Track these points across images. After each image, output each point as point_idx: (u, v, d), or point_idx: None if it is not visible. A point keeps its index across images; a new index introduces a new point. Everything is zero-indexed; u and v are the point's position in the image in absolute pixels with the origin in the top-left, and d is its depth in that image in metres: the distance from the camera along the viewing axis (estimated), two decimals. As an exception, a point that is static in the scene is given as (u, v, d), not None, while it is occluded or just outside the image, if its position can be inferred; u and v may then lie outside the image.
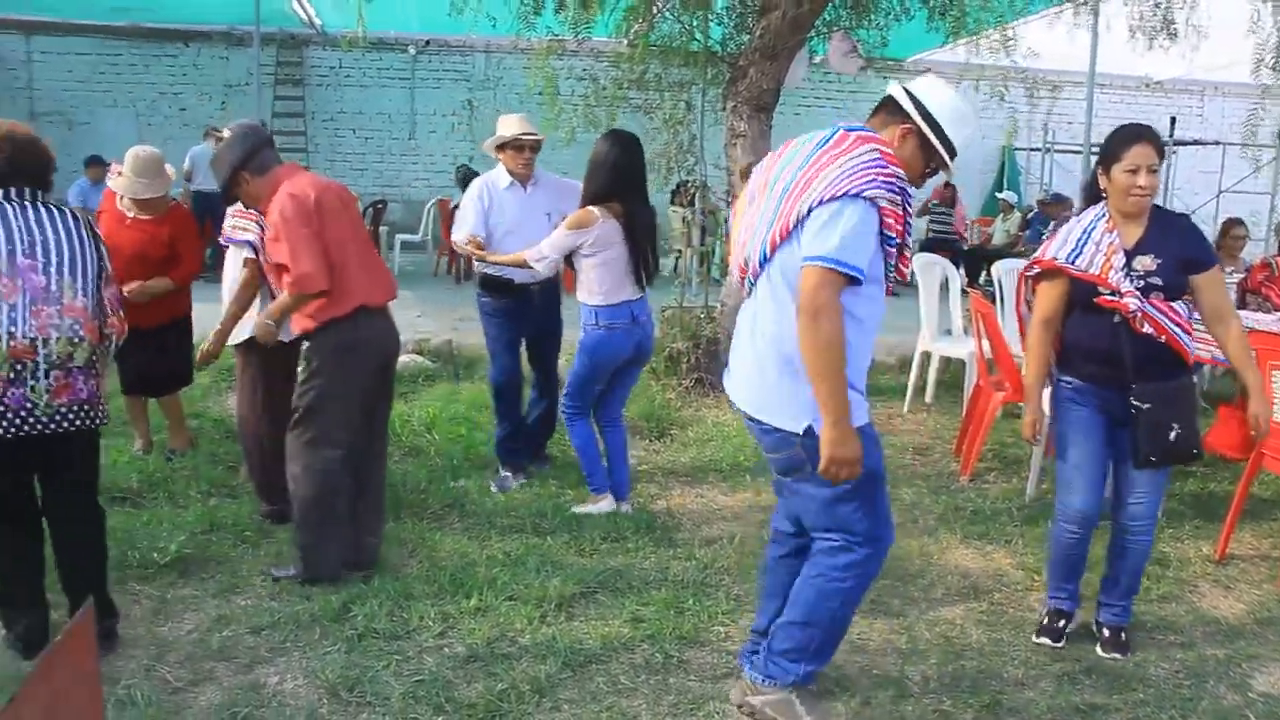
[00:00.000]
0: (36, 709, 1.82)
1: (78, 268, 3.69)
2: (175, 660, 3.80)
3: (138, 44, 17.74)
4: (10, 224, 3.59)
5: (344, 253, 4.36)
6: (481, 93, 18.23)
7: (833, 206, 2.98)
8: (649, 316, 5.41)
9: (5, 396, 3.52)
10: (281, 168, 4.45)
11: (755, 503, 5.69)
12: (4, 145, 3.67)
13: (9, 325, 3.52)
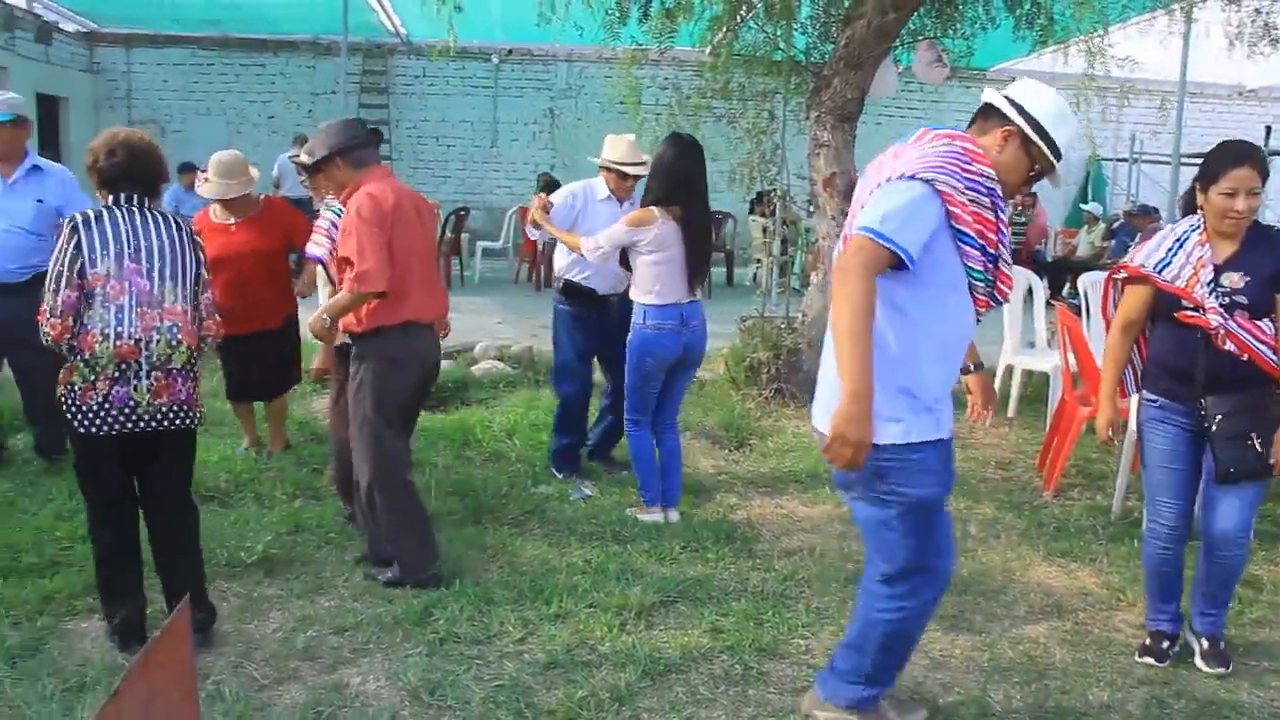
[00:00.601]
0: (136, 703, 1.87)
1: (179, 273, 3.81)
2: (261, 658, 3.87)
3: (229, 54, 18.20)
4: (119, 228, 3.72)
5: (407, 263, 4.43)
6: (563, 101, 18.37)
7: (885, 187, 2.93)
8: (701, 321, 5.41)
9: (111, 394, 3.66)
10: (374, 168, 4.55)
11: (835, 514, 5.65)
12: (118, 150, 3.81)
13: (116, 325, 3.65)
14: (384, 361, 4.45)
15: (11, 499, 5.32)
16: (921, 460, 3.04)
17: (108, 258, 3.67)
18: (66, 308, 3.65)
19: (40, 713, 3.35)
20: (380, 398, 4.45)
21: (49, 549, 4.70)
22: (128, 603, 3.93)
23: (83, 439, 3.74)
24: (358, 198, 4.38)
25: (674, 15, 7.80)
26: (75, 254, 3.66)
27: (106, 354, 3.64)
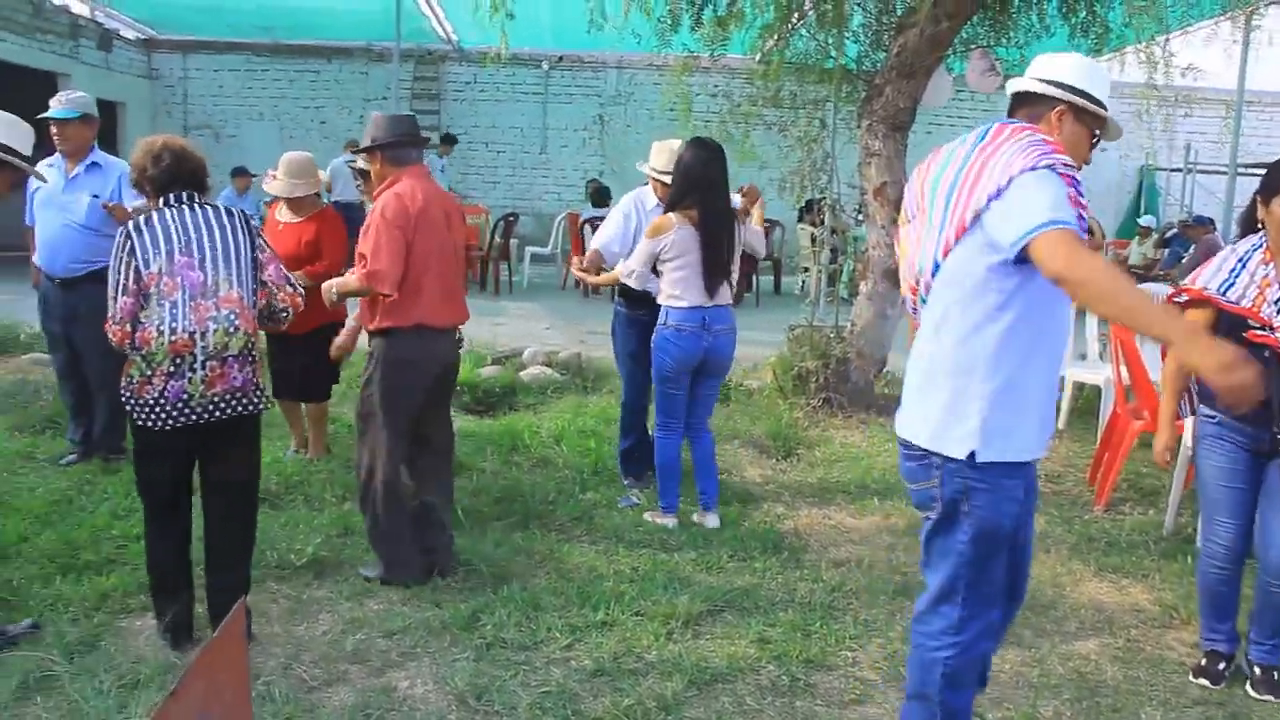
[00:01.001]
0: (193, 702, 1.90)
1: (232, 259, 3.88)
2: (310, 659, 3.91)
3: (282, 60, 18.45)
4: (168, 227, 3.80)
5: (424, 267, 4.47)
6: (613, 108, 18.43)
7: (1019, 182, 2.71)
8: (728, 327, 5.37)
9: (166, 389, 3.74)
10: (412, 167, 4.61)
11: (884, 526, 5.62)
12: (164, 155, 3.89)
13: (170, 321, 3.73)
14: (394, 362, 4.52)
15: (70, 497, 5.40)
16: (1012, 487, 2.91)
17: (160, 256, 3.75)
18: (125, 314, 3.75)
19: (97, 708, 3.40)
20: (388, 397, 4.51)
21: (105, 547, 4.77)
22: (178, 602, 3.98)
23: (140, 431, 3.82)
24: (385, 197, 4.45)
25: (726, 23, 7.80)
26: (129, 259, 3.75)
27: (162, 350, 3.72)
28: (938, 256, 2.88)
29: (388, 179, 4.55)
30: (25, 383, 7.56)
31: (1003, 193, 2.71)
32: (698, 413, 5.53)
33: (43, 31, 14.67)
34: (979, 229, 2.78)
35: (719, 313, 5.32)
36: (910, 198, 3.12)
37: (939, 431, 2.89)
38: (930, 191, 2.98)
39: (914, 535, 5.36)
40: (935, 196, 2.93)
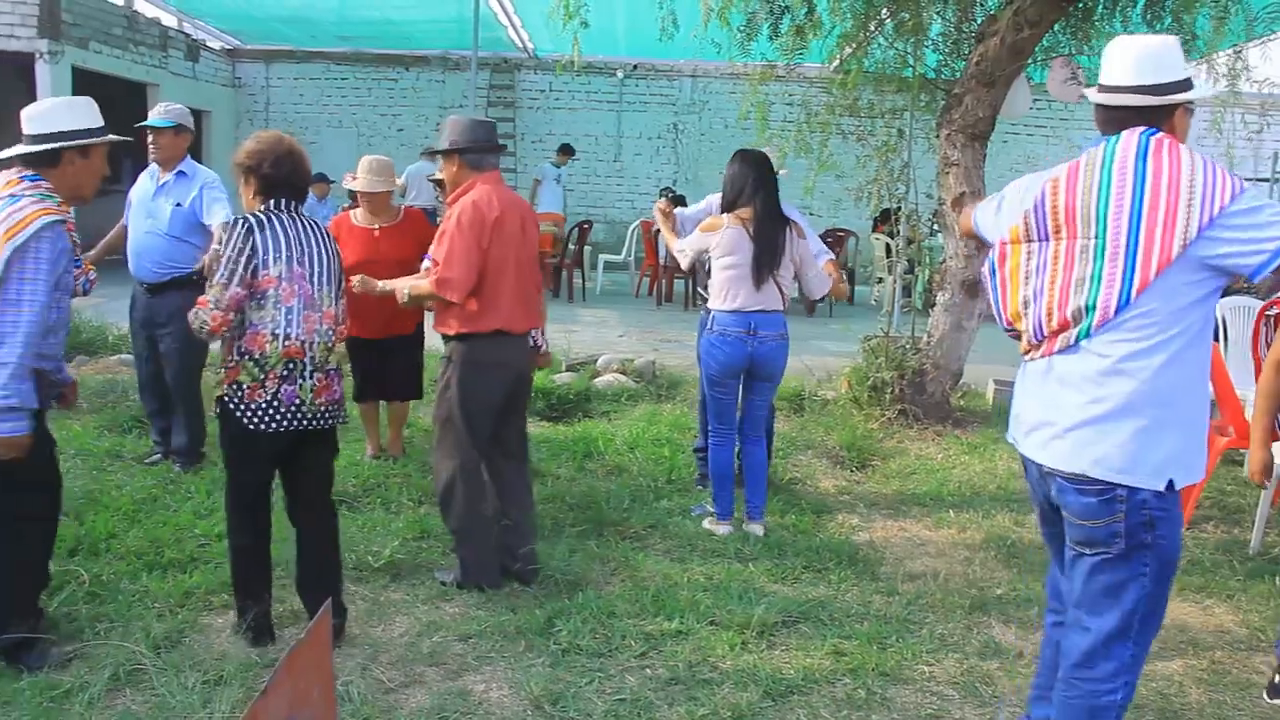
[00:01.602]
0: (282, 701, 1.93)
1: (331, 277, 3.96)
2: (388, 661, 3.95)
3: (361, 69, 18.75)
4: (288, 234, 3.86)
5: (501, 275, 4.51)
6: (687, 117, 18.46)
7: (1240, 208, 2.65)
8: (775, 333, 5.34)
9: (279, 393, 3.81)
10: (488, 173, 4.63)
11: (960, 540, 5.55)
12: (285, 160, 3.92)
13: (286, 327, 3.80)
14: (472, 367, 4.55)
15: (155, 495, 5.52)
16: (1180, 513, 2.85)
17: (280, 261, 3.80)
18: (233, 303, 3.76)
19: (182, 703, 3.47)
20: (465, 402, 4.55)
21: (188, 545, 4.87)
22: (259, 601, 4.06)
23: (246, 435, 3.86)
24: (462, 204, 4.47)
25: (804, 31, 7.76)
26: (251, 254, 3.78)
27: (275, 354, 3.79)
28: (1129, 289, 2.75)
29: (464, 184, 4.58)
30: (114, 383, 7.75)
31: (1216, 222, 2.67)
32: (750, 420, 5.53)
33: (135, 43, 15.06)
34: (1191, 259, 2.70)
35: (768, 319, 5.30)
36: (1039, 218, 2.97)
37: (1131, 464, 2.77)
38: (1090, 215, 2.84)
39: (990, 550, 5.34)
40: (1103, 222, 2.80)
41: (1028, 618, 4.55)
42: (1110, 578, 2.86)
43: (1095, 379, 2.82)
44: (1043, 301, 2.93)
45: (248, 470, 3.99)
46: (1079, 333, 2.84)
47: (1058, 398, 2.91)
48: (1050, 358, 2.93)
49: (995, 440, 7.38)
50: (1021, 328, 3.02)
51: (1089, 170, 2.88)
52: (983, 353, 8.44)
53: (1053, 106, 16.62)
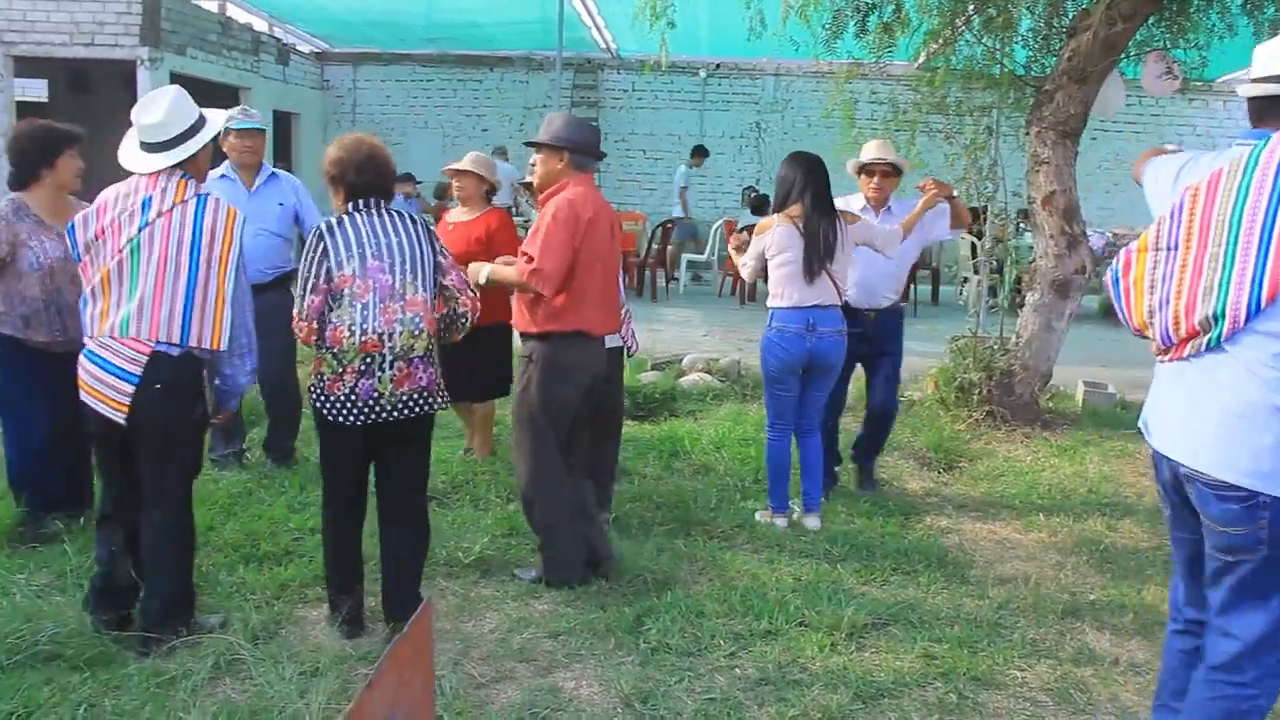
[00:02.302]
0: (387, 693, 1.97)
1: (418, 265, 4.01)
2: (479, 656, 4.00)
3: (447, 70, 18.96)
4: (360, 232, 3.94)
5: (589, 277, 4.55)
6: (770, 115, 18.38)
7: None
8: (833, 329, 5.37)
9: (357, 386, 3.89)
10: (585, 175, 4.68)
11: (1050, 543, 5.47)
12: (368, 168, 4.02)
13: (361, 322, 3.88)
14: (553, 367, 4.58)
15: (250, 489, 5.63)
16: None
17: (353, 259, 3.89)
18: (313, 311, 3.90)
19: (280, 692, 3.54)
20: (546, 402, 4.58)
21: (283, 538, 4.98)
22: (352, 594, 4.14)
23: (329, 428, 3.97)
24: (559, 201, 4.50)
25: (892, 29, 7.70)
26: (322, 259, 3.90)
27: (353, 348, 3.87)
28: (1259, 296, 2.70)
29: (562, 181, 4.61)
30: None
31: None
32: (807, 414, 5.55)
33: (228, 48, 15.41)
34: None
35: (825, 314, 5.34)
36: (1172, 226, 2.92)
37: (1275, 470, 2.72)
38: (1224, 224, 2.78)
39: (1082, 554, 5.26)
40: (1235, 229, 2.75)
41: (1122, 624, 4.47)
42: (1255, 585, 2.82)
43: (1232, 385, 2.77)
44: (1168, 311, 2.89)
45: (334, 462, 4.09)
46: (1209, 340, 2.80)
47: (1196, 402, 2.86)
48: (1182, 362, 2.90)
49: (1085, 443, 7.26)
50: (1149, 335, 2.99)
51: (1230, 177, 2.80)
52: (1072, 354, 8.30)
53: (1144, 102, 16.24)
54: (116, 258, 3.80)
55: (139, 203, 3.84)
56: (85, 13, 13.25)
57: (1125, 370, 9.79)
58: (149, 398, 3.76)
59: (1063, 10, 8.05)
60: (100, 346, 3.80)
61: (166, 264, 3.79)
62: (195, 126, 3.99)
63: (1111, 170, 17.77)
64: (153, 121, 3.90)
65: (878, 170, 5.81)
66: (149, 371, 3.76)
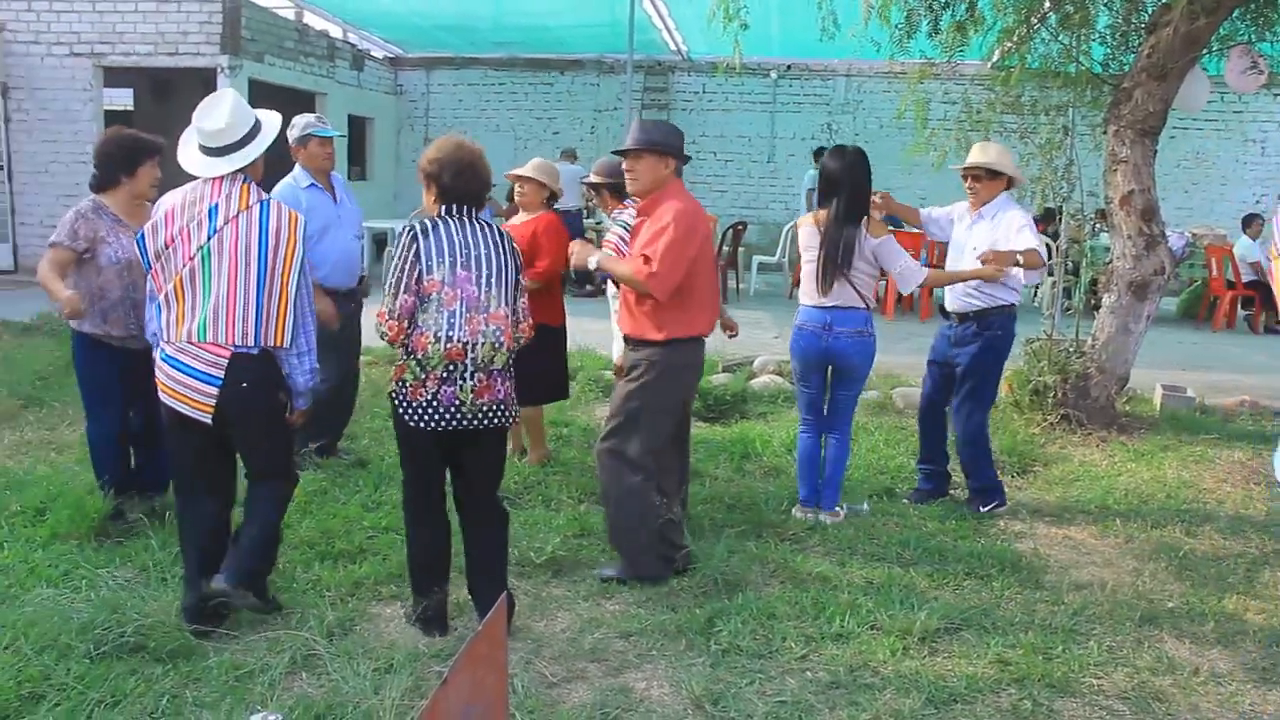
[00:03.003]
0: (460, 692, 2.00)
1: (502, 279, 4.05)
2: (550, 656, 4.02)
3: (518, 74, 19.14)
4: (453, 239, 3.98)
5: (701, 281, 4.65)
6: (841, 116, 18.27)
7: None
8: (851, 330, 5.41)
9: (439, 393, 3.94)
10: (680, 181, 4.77)
11: (1127, 549, 5.37)
12: (466, 172, 4.06)
13: (448, 329, 3.92)
14: (674, 370, 4.66)
15: (325, 488, 5.72)
16: None
17: (443, 265, 3.93)
18: (404, 311, 3.93)
19: (355, 688, 3.60)
20: (658, 405, 4.66)
21: (357, 536, 5.05)
22: (434, 593, 4.18)
23: (408, 431, 4.03)
24: (680, 210, 4.56)
25: (965, 28, 7.62)
26: (414, 261, 3.93)
27: (437, 355, 3.91)
28: None
29: (666, 185, 4.68)
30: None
31: None
32: (833, 416, 5.63)
33: (305, 55, 15.69)
34: None
35: (844, 315, 5.39)
36: None
37: None
38: None
39: (1160, 560, 5.16)
40: None
41: (1203, 633, 4.38)
42: None
43: None
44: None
45: (415, 465, 4.14)
46: None
47: None
48: None
49: (1163, 447, 7.12)
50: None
51: None
52: (1150, 356, 8.15)
53: (1225, 99, 15.88)
54: (188, 265, 3.92)
55: (205, 210, 3.95)
56: (170, 23, 13.62)
57: (1204, 374, 9.61)
58: (237, 396, 3.93)
59: (1142, 6, 7.91)
60: (179, 351, 3.93)
61: (237, 269, 3.92)
62: (254, 130, 4.10)
63: (1191, 169, 17.43)
64: (216, 127, 4.00)
65: (968, 174, 5.77)
66: (232, 372, 3.91)
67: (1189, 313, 13.85)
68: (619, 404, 4.74)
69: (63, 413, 7.08)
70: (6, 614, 4.01)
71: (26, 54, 13.89)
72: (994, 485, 5.91)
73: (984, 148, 5.84)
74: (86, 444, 5.17)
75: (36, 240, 14.31)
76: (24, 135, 14.06)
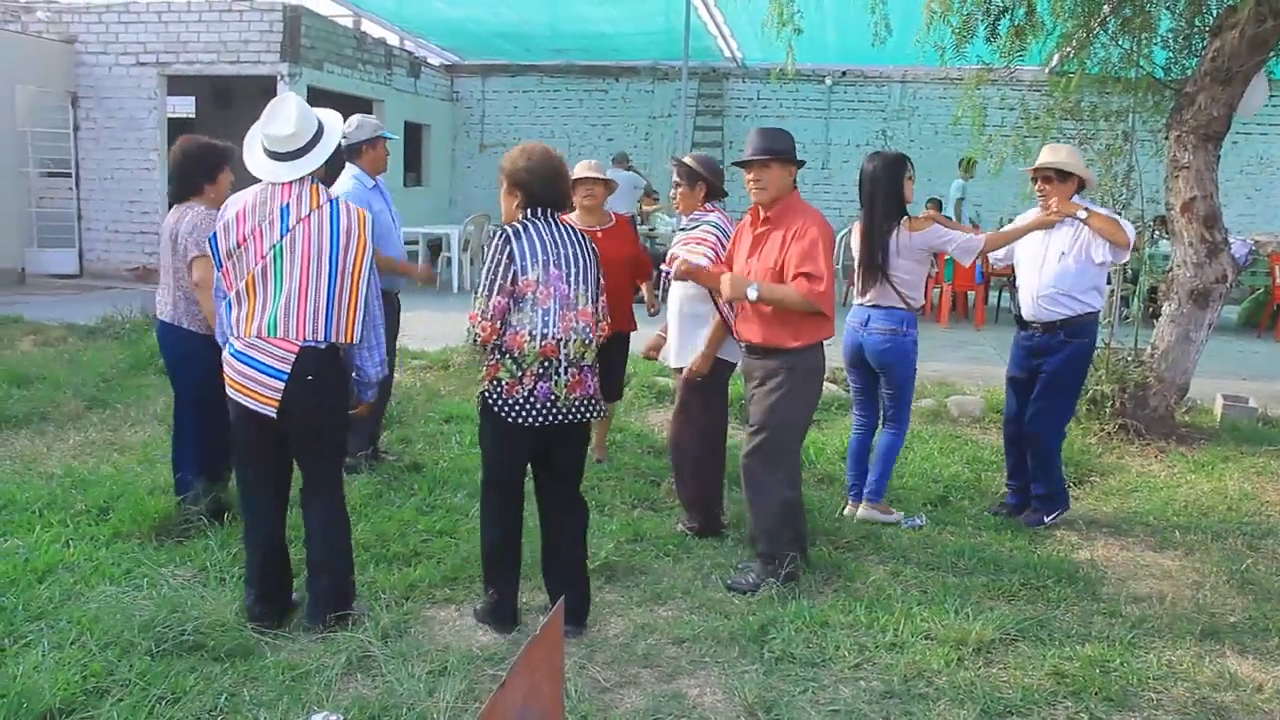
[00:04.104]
0: (518, 695, 2.02)
1: (588, 277, 4.14)
2: (603, 661, 4.03)
3: (573, 80, 19.25)
4: (544, 239, 4.05)
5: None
6: (896, 123, 18.19)
7: None
8: (879, 327, 5.51)
9: (535, 389, 4.01)
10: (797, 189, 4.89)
11: (1187, 563, 5.28)
12: (555, 180, 4.13)
13: (543, 327, 4.00)
14: (813, 374, 4.78)
15: (380, 491, 5.78)
16: None
17: (537, 266, 4.00)
18: (498, 312, 3.99)
19: (409, 690, 3.64)
20: (806, 409, 4.80)
21: (412, 540, 5.09)
22: (508, 589, 4.25)
23: (505, 429, 4.07)
24: (819, 220, 4.69)
25: (1024, 33, 7.56)
26: (509, 263, 3.99)
27: (533, 352, 3.99)
28: None
29: (789, 193, 4.78)
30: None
31: None
32: (886, 407, 5.74)
33: (363, 62, 15.89)
34: None
35: (881, 313, 5.53)
36: None
37: None
38: None
39: (1221, 574, 5.08)
40: None
41: (1267, 648, 4.31)
42: None
43: None
44: None
45: (505, 462, 4.19)
46: None
47: None
48: None
49: (1224, 459, 7.00)
50: None
51: None
52: (1211, 366, 8.02)
53: (1290, 101, 15.60)
54: (260, 263, 3.99)
55: (277, 210, 4.03)
56: (232, 32, 13.88)
57: (1267, 384, 9.44)
58: (301, 390, 4.00)
59: (1206, 8, 7.80)
60: (248, 346, 4.00)
61: (309, 266, 4.00)
62: (319, 133, 4.16)
63: (1254, 175, 17.15)
64: (284, 133, 4.07)
65: (1038, 176, 5.74)
66: (299, 366, 3.99)
67: (1250, 321, 13.61)
68: (762, 416, 4.75)
69: (125, 414, 7.23)
70: (73, 610, 4.11)
71: (95, 64, 14.22)
72: (1061, 491, 5.87)
73: (1054, 149, 5.80)
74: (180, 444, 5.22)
75: (101, 245, 14.63)
76: (91, 143, 14.37)
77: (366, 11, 16.26)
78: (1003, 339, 11.08)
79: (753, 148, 4.75)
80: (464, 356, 8.90)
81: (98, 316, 10.10)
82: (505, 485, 4.22)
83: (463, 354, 8.94)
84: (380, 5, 16.13)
